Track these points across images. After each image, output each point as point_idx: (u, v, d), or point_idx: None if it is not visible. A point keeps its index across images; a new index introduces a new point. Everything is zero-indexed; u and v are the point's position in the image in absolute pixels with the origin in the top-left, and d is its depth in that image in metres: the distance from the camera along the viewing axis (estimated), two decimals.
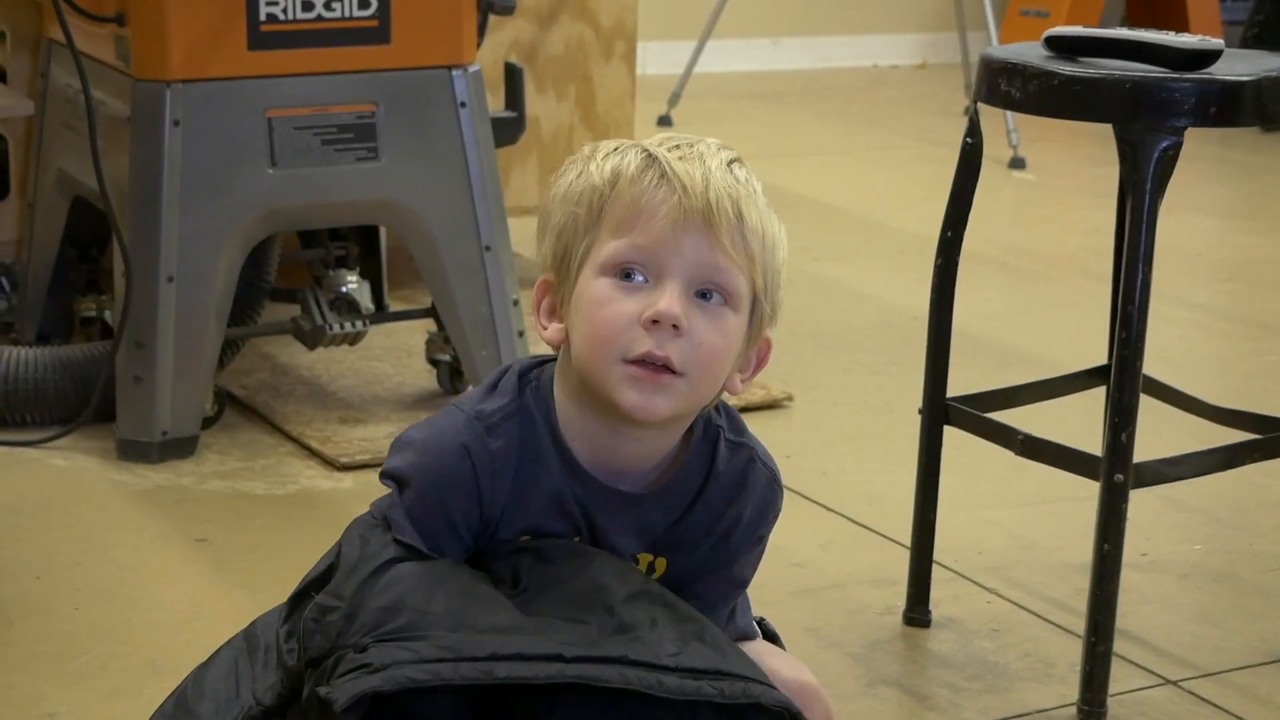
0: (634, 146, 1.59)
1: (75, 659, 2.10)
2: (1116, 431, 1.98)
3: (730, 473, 1.64)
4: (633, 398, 1.53)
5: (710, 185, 1.54)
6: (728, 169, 1.57)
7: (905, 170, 5.06)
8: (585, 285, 1.56)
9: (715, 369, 1.56)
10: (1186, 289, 3.85)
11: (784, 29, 6.73)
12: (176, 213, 2.64)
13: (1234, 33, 6.17)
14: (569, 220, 1.58)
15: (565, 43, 3.60)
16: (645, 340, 1.52)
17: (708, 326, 1.54)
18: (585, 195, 1.57)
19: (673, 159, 1.56)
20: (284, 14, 2.67)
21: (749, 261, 1.56)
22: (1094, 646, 2.01)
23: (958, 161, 2.16)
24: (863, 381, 3.19)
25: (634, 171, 1.56)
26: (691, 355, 1.53)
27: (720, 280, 1.55)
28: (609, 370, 1.53)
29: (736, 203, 1.55)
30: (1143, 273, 1.96)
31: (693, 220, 1.53)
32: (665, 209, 1.53)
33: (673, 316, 1.52)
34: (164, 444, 2.69)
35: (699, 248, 1.54)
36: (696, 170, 1.55)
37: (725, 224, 1.54)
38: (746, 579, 1.71)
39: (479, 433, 1.57)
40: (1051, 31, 2.09)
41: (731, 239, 1.54)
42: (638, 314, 1.53)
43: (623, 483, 1.61)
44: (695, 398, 1.56)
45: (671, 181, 1.54)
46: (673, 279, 1.53)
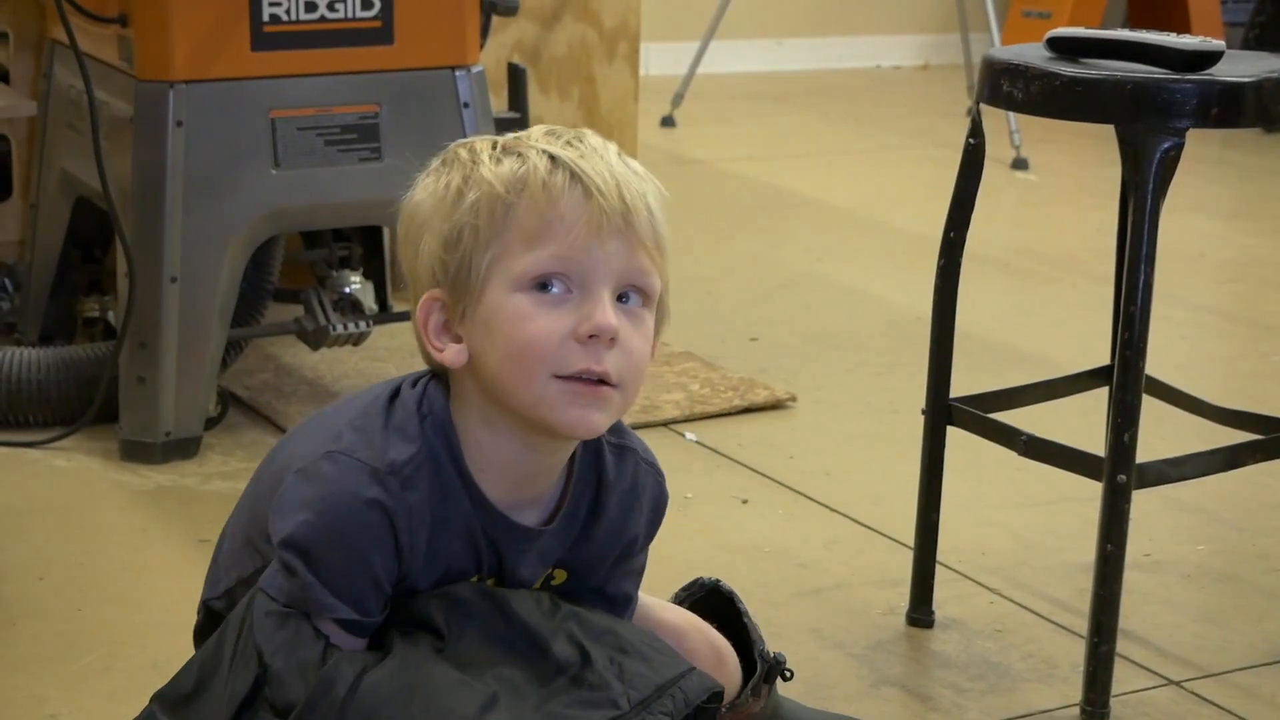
0: (526, 147, 1.50)
1: (78, 660, 2.10)
2: (1119, 432, 1.98)
3: (621, 481, 1.60)
4: (573, 414, 1.47)
5: (621, 183, 1.48)
6: (625, 161, 1.51)
7: (908, 171, 5.06)
8: (498, 301, 1.47)
9: (642, 373, 1.51)
10: (1189, 290, 3.85)
11: (787, 30, 6.73)
12: (180, 213, 2.64)
13: (1235, 34, 6.17)
14: (464, 232, 1.48)
15: (568, 43, 3.60)
16: (580, 355, 1.46)
17: (634, 333, 1.49)
18: (484, 204, 1.48)
19: (575, 158, 1.48)
20: (287, 14, 2.67)
21: (663, 258, 1.52)
22: (1097, 647, 2.01)
23: (960, 162, 2.16)
24: (866, 382, 3.19)
25: (543, 176, 1.47)
26: (625, 365, 1.48)
27: (642, 282, 1.50)
28: (541, 389, 1.46)
29: (645, 197, 1.50)
30: (1145, 273, 1.96)
31: (613, 224, 1.47)
32: (585, 214, 1.46)
33: (612, 329, 1.46)
34: (167, 445, 2.69)
35: (622, 251, 1.47)
36: (603, 168, 1.48)
37: (643, 223, 1.49)
38: (644, 564, 1.68)
39: (395, 488, 1.48)
40: (1053, 32, 2.09)
41: (651, 238, 1.49)
42: (569, 329, 1.46)
43: (526, 514, 1.56)
44: (625, 406, 1.52)
45: (584, 184, 1.47)
46: (601, 288, 1.47)
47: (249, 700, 1.48)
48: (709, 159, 5.12)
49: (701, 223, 4.34)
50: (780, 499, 2.66)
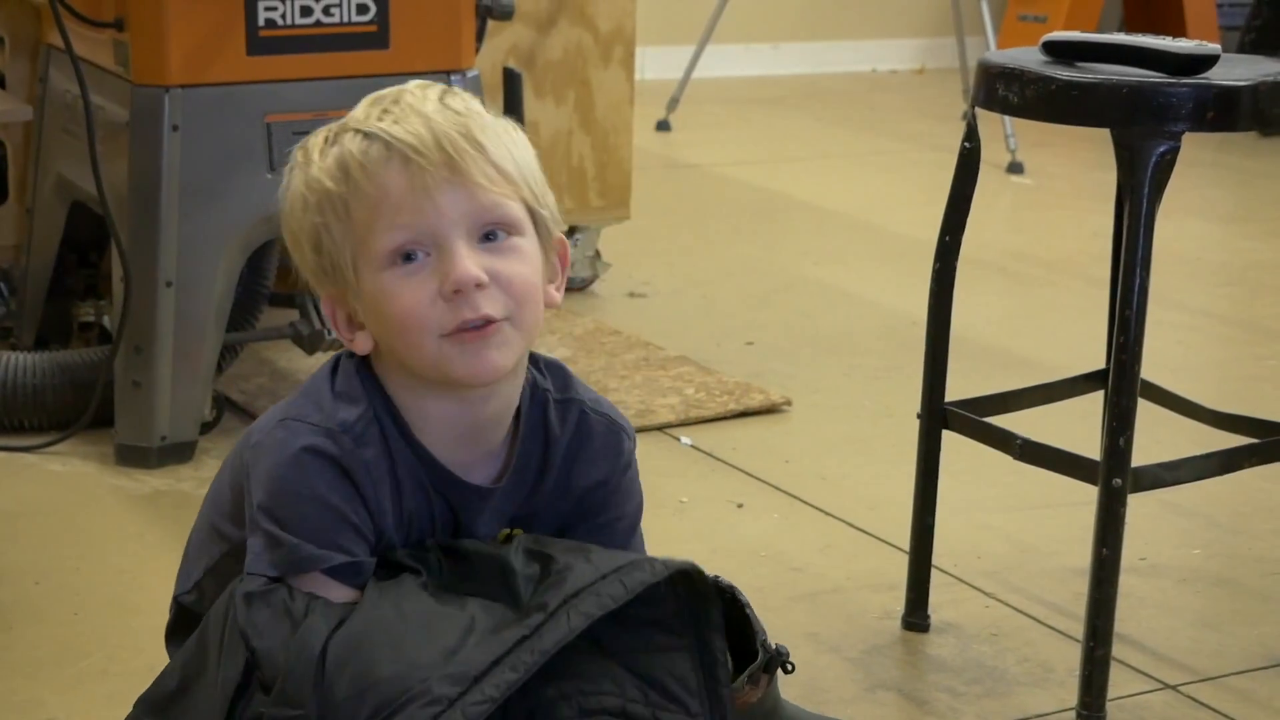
0: (345, 131, 1.53)
1: (75, 664, 2.09)
2: (1115, 436, 1.98)
3: (566, 434, 1.61)
4: (469, 363, 1.50)
5: (438, 133, 1.50)
6: (444, 105, 1.53)
7: (904, 175, 5.06)
8: (372, 285, 1.51)
9: (532, 296, 1.53)
10: (1184, 293, 3.85)
11: (783, 34, 6.73)
12: (175, 218, 2.64)
13: (1231, 38, 6.17)
14: (320, 233, 1.53)
15: (564, 48, 3.60)
16: (453, 311, 1.49)
17: (506, 263, 1.51)
18: (324, 203, 1.52)
19: (389, 126, 1.51)
20: (283, 19, 2.67)
21: (510, 184, 1.52)
22: (1093, 651, 2.01)
23: (956, 166, 2.16)
24: (861, 386, 3.20)
25: (359, 158, 1.50)
26: (505, 296, 1.51)
27: (495, 217, 1.51)
28: (435, 353, 1.50)
29: (470, 135, 1.51)
30: (1140, 277, 1.97)
31: (439, 175, 1.49)
32: (407, 180, 1.49)
33: (471, 279, 1.49)
34: (163, 449, 2.69)
35: (459, 199, 1.50)
36: (418, 124, 1.50)
37: (470, 163, 1.50)
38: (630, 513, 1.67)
39: (348, 445, 1.52)
40: (1049, 36, 2.09)
41: (484, 173, 1.50)
42: (434, 290, 1.49)
43: (476, 473, 1.58)
44: (526, 332, 1.54)
45: (399, 150, 1.49)
46: (453, 241, 1.49)
47: (243, 686, 1.50)
48: (704, 163, 5.12)
49: (697, 227, 4.35)
50: (776, 503, 2.66)
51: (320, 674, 1.44)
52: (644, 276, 3.84)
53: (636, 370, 3.17)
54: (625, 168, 3.70)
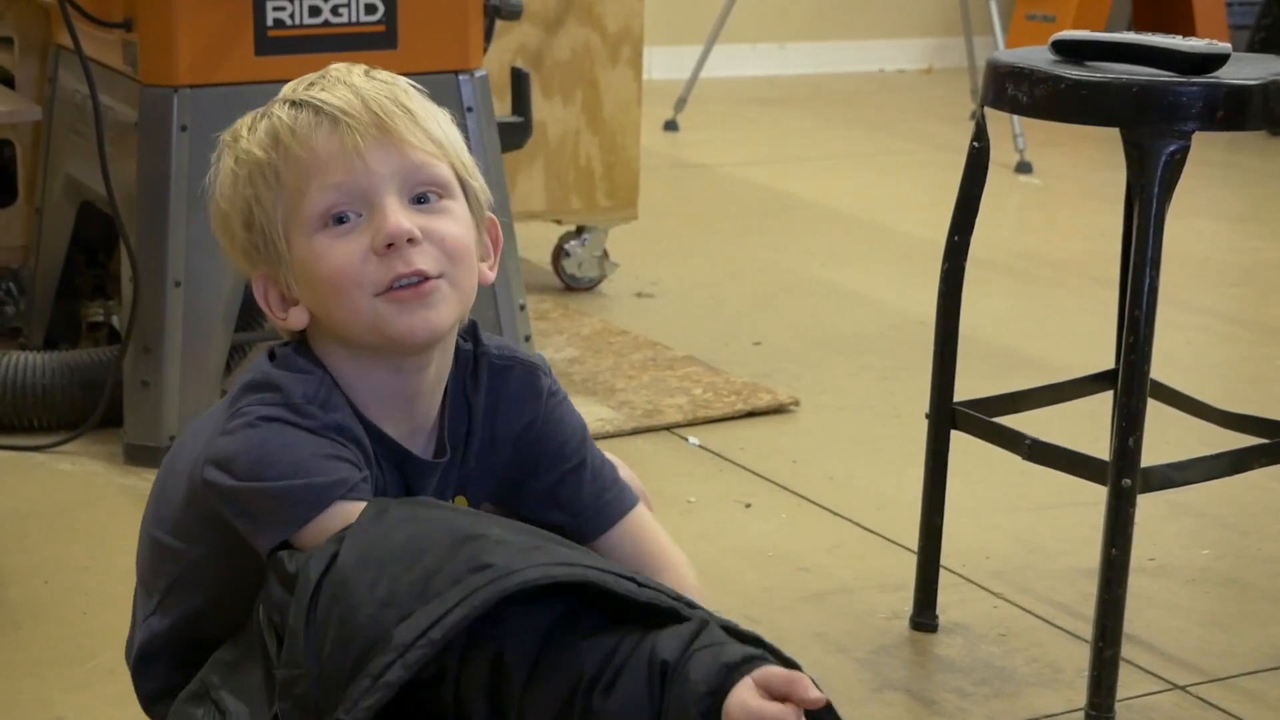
0: (273, 105, 1.55)
1: (83, 663, 2.10)
2: (1124, 436, 1.98)
3: (482, 386, 1.60)
4: (406, 321, 1.49)
5: (365, 97, 1.51)
6: (370, 76, 1.55)
7: (912, 175, 5.06)
8: (303, 252, 1.51)
9: (467, 258, 1.53)
10: (1194, 293, 3.85)
11: (790, 34, 6.73)
12: (184, 218, 2.65)
13: (1241, 37, 6.17)
14: (251, 206, 1.53)
15: (572, 48, 3.60)
16: (386, 267, 1.49)
17: (439, 221, 1.52)
18: (255, 174, 1.53)
19: (316, 94, 1.52)
20: (291, 19, 2.67)
21: (439, 147, 1.53)
22: (1101, 651, 2.01)
23: (964, 166, 2.16)
24: (870, 386, 3.19)
25: (289, 124, 1.51)
26: (439, 254, 1.51)
27: (425, 176, 1.52)
28: (370, 311, 1.49)
29: (397, 100, 1.52)
30: (1150, 277, 1.96)
31: (369, 134, 1.50)
32: (337, 141, 1.50)
33: (404, 232, 1.49)
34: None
35: (388, 157, 1.50)
36: (345, 91, 1.52)
37: (400, 123, 1.51)
38: (571, 437, 1.63)
39: (317, 413, 1.49)
40: (1058, 35, 2.09)
41: (412, 133, 1.51)
42: (365, 248, 1.49)
43: (419, 445, 1.57)
44: (462, 295, 1.53)
45: (328, 112, 1.50)
46: (383, 197, 1.50)
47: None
48: (712, 163, 5.12)
49: (704, 227, 4.35)
50: (783, 503, 2.66)
51: (311, 627, 1.41)
52: (651, 276, 3.84)
53: (644, 370, 3.17)
54: (633, 168, 3.70)
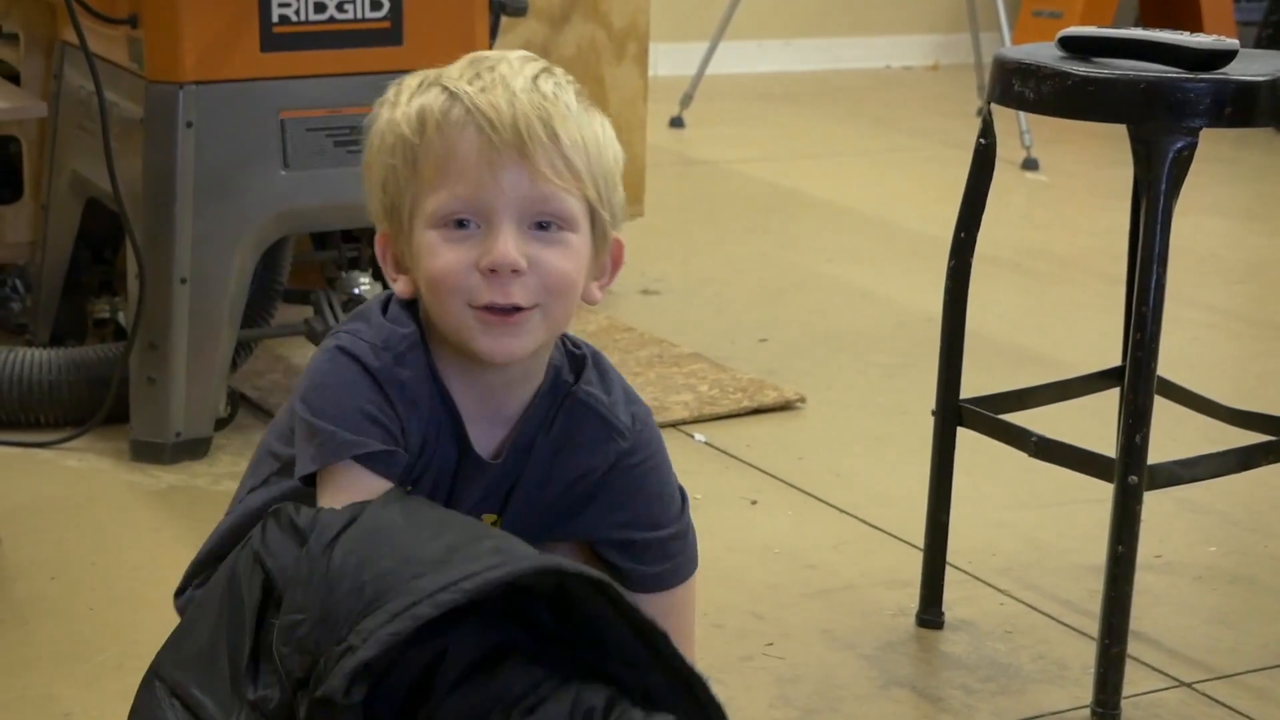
0: (434, 84, 1.54)
1: (90, 659, 2.10)
2: (1130, 433, 1.98)
3: (558, 423, 1.61)
4: (488, 343, 1.52)
5: (517, 112, 1.50)
6: (534, 86, 1.53)
7: (918, 171, 5.06)
8: (419, 239, 1.53)
9: (567, 292, 1.54)
10: (1201, 290, 3.85)
11: (796, 30, 6.73)
12: (189, 214, 2.65)
13: (1248, 33, 6.16)
14: (389, 174, 1.55)
15: (577, 44, 3.60)
16: (486, 288, 1.51)
17: (551, 254, 1.52)
18: (398, 147, 1.54)
19: (475, 92, 1.52)
20: (296, 15, 2.67)
21: (575, 179, 1.53)
22: (1108, 648, 2.01)
23: (971, 162, 2.16)
24: (876, 383, 3.19)
25: (439, 116, 1.52)
26: (540, 286, 1.52)
27: (551, 209, 1.52)
28: (459, 318, 1.52)
29: (548, 123, 1.51)
30: (1157, 274, 1.96)
31: (507, 156, 1.50)
32: (476, 151, 1.50)
33: (510, 263, 1.50)
34: (177, 445, 2.70)
35: (519, 182, 1.51)
36: (501, 99, 1.51)
37: (540, 151, 1.50)
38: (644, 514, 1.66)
39: (388, 361, 1.54)
40: (1065, 32, 2.09)
41: (551, 164, 1.51)
42: (474, 261, 1.50)
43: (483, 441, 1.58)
44: (553, 324, 1.55)
45: (476, 118, 1.50)
46: (503, 221, 1.51)
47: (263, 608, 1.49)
48: (718, 160, 5.12)
49: (710, 224, 4.34)
50: (789, 500, 2.66)
51: (325, 570, 1.43)
52: (657, 274, 3.84)
53: (650, 367, 3.16)
54: (639, 164, 3.70)
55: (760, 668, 2.11)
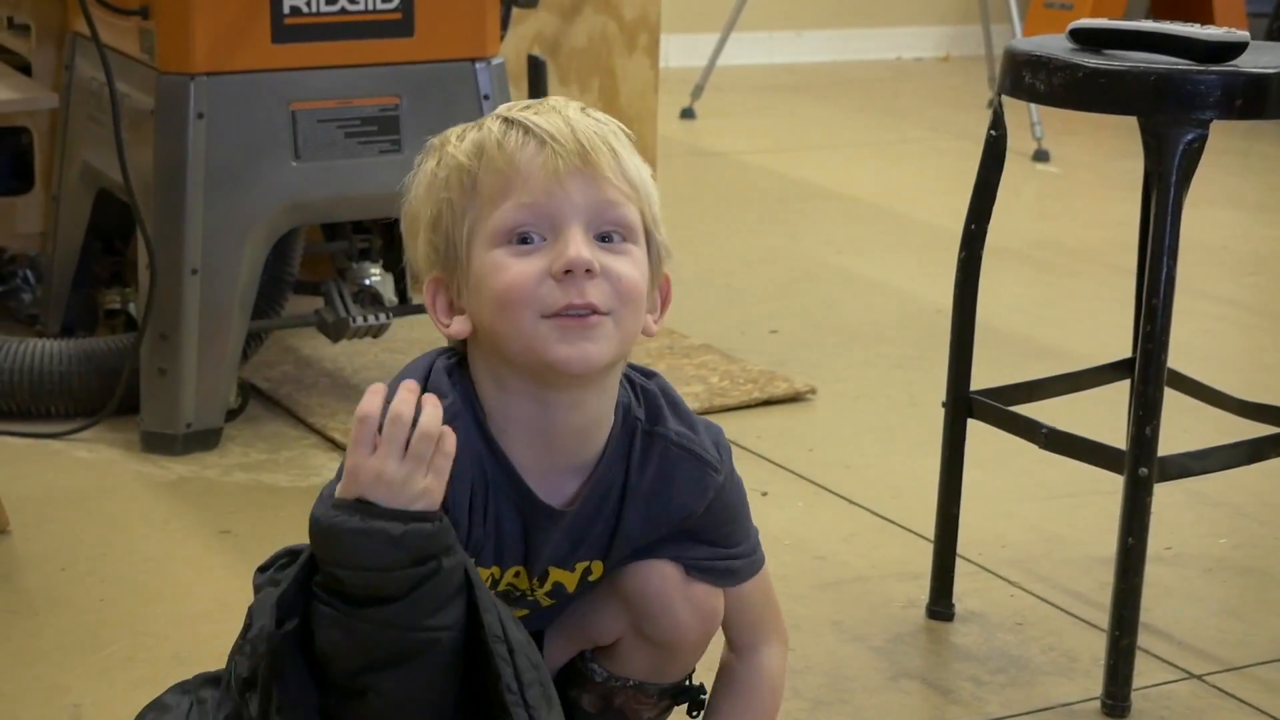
0: (484, 122, 1.57)
1: (100, 650, 2.10)
2: (1141, 425, 1.98)
3: (649, 468, 1.60)
4: (565, 350, 1.50)
5: (576, 128, 1.53)
6: (584, 114, 1.56)
7: (929, 163, 5.05)
8: (481, 262, 1.52)
9: (637, 302, 1.54)
10: (1211, 282, 3.84)
11: (807, 21, 6.72)
12: (200, 205, 2.65)
13: (1259, 25, 6.15)
14: (442, 208, 1.55)
15: (588, 35, 3.60)
16: (560, 292, 1.50)
17: (619, 262, 1.53)
18: (452, 178, 1.55)
19: (530, 116, 1.54)
20: (308, 7, 2.67)
21: (635, 192, 1.55)
22: (1118, 640, 2.01)
23: (981, 154, 2.16)
24: (886, 375, 3.19)
25: (497, 137, 1.53)
26: (612, 292, 1.52)
27: (615, 216, 1.53)
28: (533, 331, 1.50)
29: (606, 139, 1.54)
30: (1167, 266, 1.96)
31: (571, 163, 1.51)
32: (540, 161, 1.51)
33: (584, 262, 1.50)
34: (188, 436, 2.70)
35: (585, 188, 1.52)
36: (557, 120, 1.54)
37: (603, 159, 1.52)
38: (722, 534, 1.68)
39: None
40: (1076, 24, 2.09)
41: (614, 172, 1.53)
42: (545, 269, 1.50)
43: (553, 491, 1.57)
44: (624, 337, 1.54)
45: (538, 134, 1.52)
46: (571, 226, 1.51)
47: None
48: (728, 151, 5.12)
49: (721, 215, 4.34)
50: (800, 491, 2.66)
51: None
52: (668, 265, 3.83)
53: (660, 359, 3.16)
54: (649, 156, 3.68)
55: None
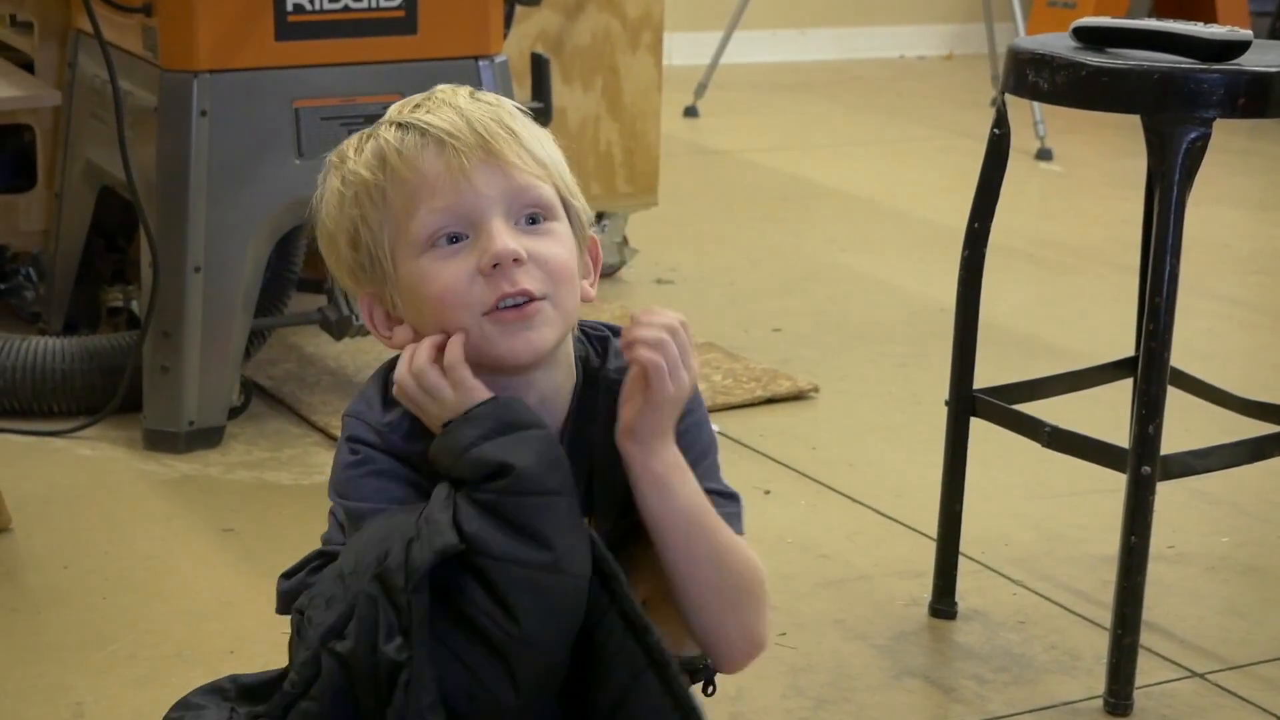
0: (379, 127, 1.57)
1: (103, 648, 2.10)
2: (1144, 424, 1.98)
3: (602, 412, 1.60)
4: (509, 343, 1.52)
5: (471, 119, 1.53)
6: (475, 100, 1.56)
7: (932, 161, 5.05)
8: (410, 271, 1.54)
9: (569, 279, 1.55)
10: (1214, 281, 3.84)
11: (811, 20, 6.72)
12: (203, 203, 2.65)
13: (1262, 24, 6.15)
14: (358, 226, 1.55)
15: (592, 33, 3.60)
16: (492, 286, 1.51)
17: (543, 244, 1.53)
18: (361, 194, 1.55)
19: (422, 116, 1.54)
20: (311, 4, 2.67)
21: (543, 169, 1.55)
22: (1120, 639, 2.01)
23: (985, 153, 2.16)
24: (889, 373, 3.19)
25: (396, 146, 1.53)
26: (543, 275, 1.53)
27: (530, 198, 1.54)
28: (473, 330, 1.52)
29: (502, 122, 1.54)
30: (1170, 264, 1.96)
31: (475, 156, 1.52)
32: (443, 162, 1.52)
33: (510, 252, 1.51)
34: (191, 434, 2.70)
35: (494, 179, 1.52)
36: (449, 114, 1.54)
37: (505, 146, 1.53)
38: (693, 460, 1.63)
39: (397, 442, 1.54)
40: (1079, 22, 2.08)
41: (518, 155, 1.53)
42: (474, 267, 1.51)
43: None
44: (565, 314, 1.55)
45: (434, 134, 1.53)
46: (490, 219, 1.52)
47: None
48: (732, 149, 5.12)
49: (724, 213, 4.34)
50: (803, 490, 2.66)
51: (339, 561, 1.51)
52: (671, 263, 3.84)
53: None
54: (653, 154, 3.70)
55: (773, 657, 2.11)
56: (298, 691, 1.48)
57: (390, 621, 1.45)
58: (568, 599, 1.48)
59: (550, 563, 1.46)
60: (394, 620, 1.45)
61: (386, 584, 1.46)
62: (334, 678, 1.47)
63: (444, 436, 1.51)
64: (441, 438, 1.51)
